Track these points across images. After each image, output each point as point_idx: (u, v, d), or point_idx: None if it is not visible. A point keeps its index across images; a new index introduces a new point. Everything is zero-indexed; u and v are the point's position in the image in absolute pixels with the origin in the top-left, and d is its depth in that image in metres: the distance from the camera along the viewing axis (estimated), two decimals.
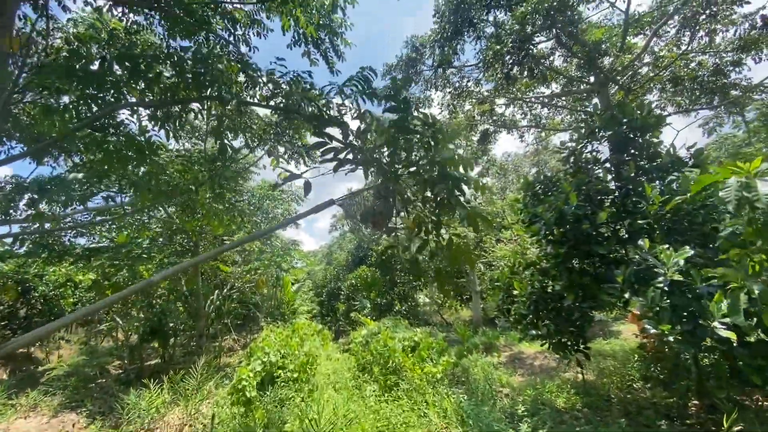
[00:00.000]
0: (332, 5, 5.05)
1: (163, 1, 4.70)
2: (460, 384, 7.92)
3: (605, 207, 5.42)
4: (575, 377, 7.79)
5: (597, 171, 6.01)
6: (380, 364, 7.68)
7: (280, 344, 7.97)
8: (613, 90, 10.27)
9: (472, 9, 8.99)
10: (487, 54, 8.65)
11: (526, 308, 6.66)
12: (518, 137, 14.44)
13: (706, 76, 10.06)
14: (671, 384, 6.59)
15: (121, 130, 3.79)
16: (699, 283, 3.78)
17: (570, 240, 5.55)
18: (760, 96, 10.63)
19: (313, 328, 12.07)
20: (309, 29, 5.04)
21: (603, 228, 5.47)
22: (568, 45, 9.47)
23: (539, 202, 6.32)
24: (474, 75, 11.68)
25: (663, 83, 10.84)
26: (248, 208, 12.89)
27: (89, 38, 5.38)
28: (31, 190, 5.85)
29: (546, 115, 13.86)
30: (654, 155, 5.58)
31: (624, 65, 9.51)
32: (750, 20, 9.56)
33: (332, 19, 5.34)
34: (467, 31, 9.81)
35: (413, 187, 3.15)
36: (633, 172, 5.35)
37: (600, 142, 6.05)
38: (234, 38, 5.61)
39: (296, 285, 20.39)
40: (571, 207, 5.35)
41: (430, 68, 11.67)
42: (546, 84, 12.19)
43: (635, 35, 10.23)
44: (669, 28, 10.04)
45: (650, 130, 5.54)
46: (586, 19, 10.05)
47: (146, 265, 11.74)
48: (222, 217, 7.41)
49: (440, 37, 9.90)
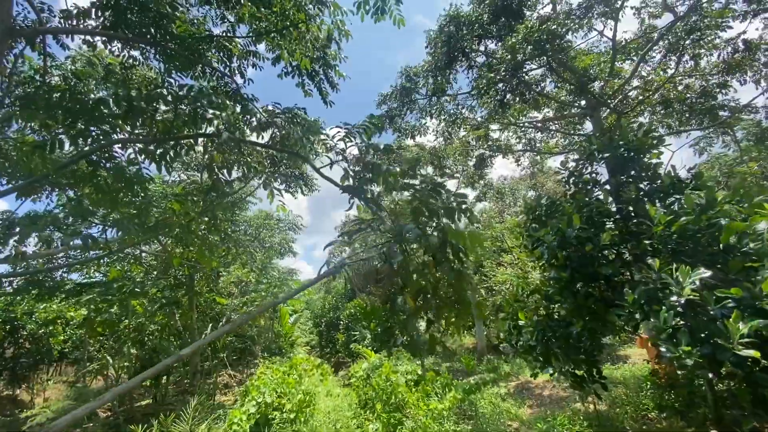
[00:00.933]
0: (327, 39, 5.13)
1: (159, 37, 4.75)
2: (467, 419, 7.53)
3: (607, 229, 5.32)
4: (587, 408, 7.44)
5: (597, 193, 5.96)
6: (383, 401, 7.30)
7: (277, 382, 7.59)
8: (604, 113, 10.44)
9: (464, 40, 9.25)
10: (480, 82, 8.83)
11: (534, 338, 6.41)
12: (514, 161, 14.56)
13: (694, 98, 10.27)
14: (687, 413, 6.27)
15: (112, 163, 3.71)
16: (713, 304, 3.64)
17: (573, 263, 5.41)
18: (749, 116, 10.83)
19: (312, 362, 11.62)
20: (304, 62, 5.10)
21: (606, 250, 5.36)
22: (559, 72, 9.70)
23: (541, 226, 6.22)
24: (468, 102, 11.90)
25: (653, 106, 11.06)
26: (245, 238, 12.72)
27: (87, 75, 5.42)
28: (21, 225, 5.71)
29: (540, 138, 14.04)
30: (654, 177, 5.55)
31: (614, 89, 9.72)
32: (732, 44, 9.87)
33: (327, 53, 5.41)
34: (460, 60, 10.06)
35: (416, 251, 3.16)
36: (634, 193, 5.30)
37: (598, 164, 6.04)
38: (229, 70, 5.67)
39: (294, 316, 19.87)
40: (574, 230, 5.25)
41: (424, 97, 11.88)
42: (539, 109, 12.41)
43: (623, 61, 10.53)
44: (655, 54, 10.35)
45: (648, 152, 5.54)
46: (575, 47, 10.36)
47: (140, 299, 11.44)
48: (214, 250, 7.24)
49: (433, 67, 10.14)
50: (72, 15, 4.39)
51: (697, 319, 3.68)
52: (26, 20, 5.19)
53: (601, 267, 5.20)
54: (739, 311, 3.35)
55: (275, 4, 4.51)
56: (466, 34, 9.11)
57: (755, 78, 10.17)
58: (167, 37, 4.87)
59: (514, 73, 8.14)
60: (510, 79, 8.34)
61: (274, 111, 4.46)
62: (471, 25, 9.28)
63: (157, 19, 4.67)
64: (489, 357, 14.48)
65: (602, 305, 5.35)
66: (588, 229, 5.35)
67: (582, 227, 5.28)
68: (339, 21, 4.80)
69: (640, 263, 5.08)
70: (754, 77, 10.19)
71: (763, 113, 10.90)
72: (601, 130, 9.40)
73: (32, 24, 5.17)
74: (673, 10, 9.27)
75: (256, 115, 4.69)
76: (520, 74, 8.93)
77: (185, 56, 4.99)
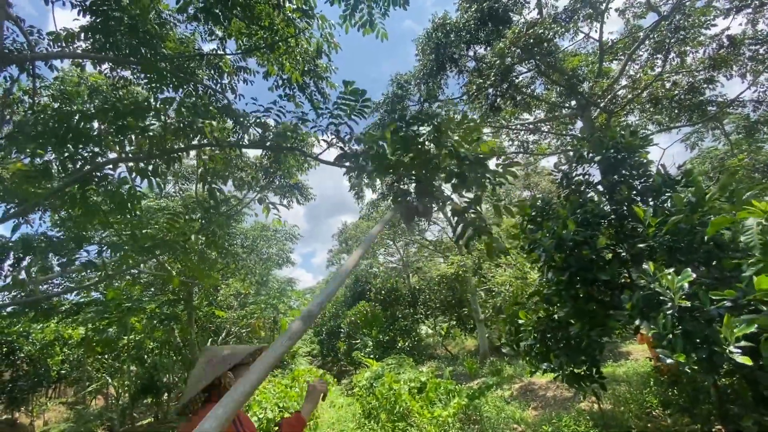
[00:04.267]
0: (317, 51, 5.16)
1: (149, 56, 4.76)
2: (472, 423, 7.49)
3: (603, 231, 5.34)
4: (591, 407, 7.42)
5: (590, 194, 6.00)
6: (387, 410, 7.25)
7: (279, 396, 7.52)
8: (595, 113, 10.55)
9: (452, 46, 9.34)
10: (470, 88, 8.90)
11: (534, 339, 6.41)
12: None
13: (682, 94, 10.40)
14: (692, 409, 6.26)
15: (104, 184, 3.70)
16: (708, 305, 3.63)
17: (572, 266, 5.42)
18: (737, 110, 10.97)
19: (314, 373, 11.54)
20: (294, 75, 5.13)
21: (604, 252, 5.36)
22: (548, 74, 9.80)
23: (537, 228, 6.24)
24: (460, 107, 11.98)
25: (642, 104, 11.18)
26: (242, 250, 12.66)
27: (75, 95, 5.42)
28: (15, 250, 5.66)
29: (532, 140, 14.14)
30: (645, 175, 5.59)
31: (603, 89, 9.83)
32: (717, 40, 10.03)
33: (317, 64, 5.45)
34: (449, 66, 10.14)
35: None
36: (626, 193, 5.33)
37: (590, 165, 6.08)
38: (221, 87, 5.69)
39: None
40: (570, 233, 5.27)
41: (416, 104, 11.96)
42: (530, 111, 12.52)
43: (611, 61, 10.66)
44: (642, 52, 10.48)
45: (637, 151, 5.59)
46: (562, 48, 10.47)
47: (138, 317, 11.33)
48: (211, 266, 7.19)
49: (423, 74, 10.21)
50: (60, 38, 4.39)
51: (694, 323, 3.67)
52: (15, 43, 5.21)
53: (599, 271, 5.20)
54: (733, 312, 3.35)
55: (264, 18, 4.54)
56: (454, 40, 9.19)
57: (741, 72, 10.32)
58: (157, 57, 4.88)
59: (503, 78, 8.23)
60: (500, 84, 8.42)
61: (267, 124, 4.50)
62: (459, 32, 9.38)
63: (146, 39, 4.69)
64: (491, 359, 14.45)
65: (602, 308, 5.36)
66: (584, 231, 5.37)
67: (577, 230, 5.30)
68: (328, 34, 4.85)
69: (637, 264, 5.10)
70: (740, 71, 10.34)
71: (750, 107, 11.05)
72: (591, 129, 9.48)
73: (21, 47, 5.17)
74: (657, 9, 9.41)
75: (249, 130, 4.71)
76: (510, 78, 9.01)
77: (175, 75, 5.01)
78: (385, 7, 3.87)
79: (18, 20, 4.53)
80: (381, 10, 3.91)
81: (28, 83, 5.14)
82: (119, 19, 4.20)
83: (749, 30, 10.03)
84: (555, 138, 13.78)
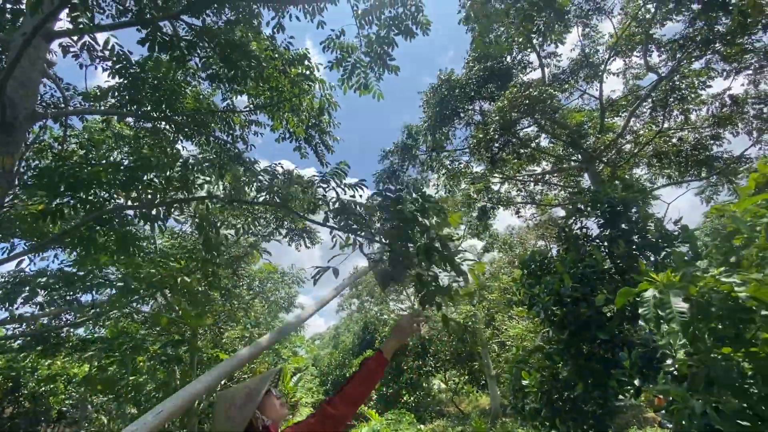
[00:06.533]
0: (320, 109, 5.59)
1: (169, 111, 5.25)
2: None
3: (601, 288, 5.22)
4: None
5: (588, 248, 5.93)
6: None
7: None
8: (600, 167, 10.65)
9: (456, 100, 9.85)
10: (472, 141, 9.24)
11: (539, 401, 6.05)
12: (515, 213, 14.67)
13: (688, 149, 10.44)
14: None
15: (109, 226, 3.98)
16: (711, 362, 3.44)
17: (571, 324, 5.26)
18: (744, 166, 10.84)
19: None
20: (299, 130, 5.53)
21: (605, 308, 5.20)
22: (550, 129, 10.11)
23: (536, 282, 6.14)
24: (465, 158, 12.35)
25: (648, 158, 11.24)
26: (247, 293, 12.71)
27: (101, 142, 5.95)
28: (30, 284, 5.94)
29: (539, 191, 14.23)
30: (645, 230, 5.54)
31: (606, 144, 10.00)
32: (719, 99, 10.22)
33: (321, 119, 5.86)
34: (455, 119, 10.62)
35: None
36: (623, 249, 5.27)
37: (588, 219, 6.08)
38: (232, 138, 6.13)
39: (297, 374, 19.12)
40: (567, 289, 5.18)
41: (424, 152, 12.40)
42: (536, 163, 12.74)
43: (613, 117, 10.92)
44: (644, 109, 10.73)
45: (634, 205, 5.59)
46: (565, 105, 10.86)
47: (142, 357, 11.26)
48: (203, 307, 7.27)
49: (429, 125, 10.70)
50: (91, 96, 4.94)
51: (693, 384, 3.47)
52: (52, 97, 5.85)
53: (598, 329, 5.04)
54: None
55: (272, 80, 5.00)
56: (458, 95, 9.71)
57: (747, 130, 10.37)
58: (177, 111, 5.38)
59: (503, 132, 8.54)
60: (502, 138, 8.73)
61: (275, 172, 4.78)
62: (463, 87, 9.92)
63: (168, 96, 5.21)
64: (503, 420, 13.50)
65: (604, 367, 5.10)
66: (582, 287, 5.27)
67: (575, 286, 5.21)
68: (327, 95, 5.28)
69: (636, 321, 4.92)
70: (746, 129, 10.39)
71: (756, 164, 10.91)
72: (597, 182, 9.54)
73: (58, 101, 5.81)
74: (656, 70, 9.78)
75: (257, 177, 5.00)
76: (513, 131, 9.33)
77: (192, 128, 5.48)
78: (380, 72, 4.24)
79: (57, 79, 5.14)
80: (376, 75, 4.28)
81: (59, 131, 5.70)
82: (144, 79, 4.72)
83: (752, 90, 10.22)
84: (562, 189, 13.85)
